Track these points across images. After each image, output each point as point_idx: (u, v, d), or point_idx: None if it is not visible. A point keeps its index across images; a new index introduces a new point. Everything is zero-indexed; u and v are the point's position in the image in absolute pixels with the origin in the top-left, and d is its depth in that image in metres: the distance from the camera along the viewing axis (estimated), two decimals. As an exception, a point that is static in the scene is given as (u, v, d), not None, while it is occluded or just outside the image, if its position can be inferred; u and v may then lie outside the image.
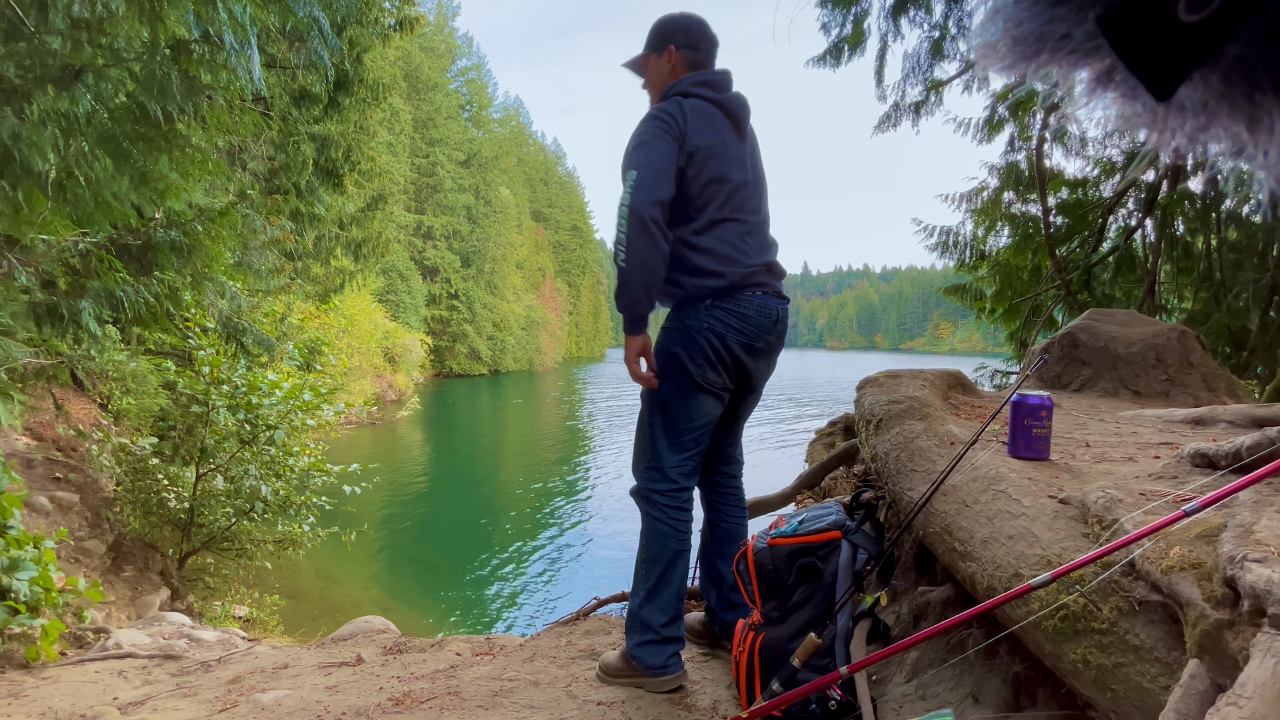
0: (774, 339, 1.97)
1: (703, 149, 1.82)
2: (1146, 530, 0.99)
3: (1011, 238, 6.31)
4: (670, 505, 1.93)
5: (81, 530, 4.22)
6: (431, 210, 36.26)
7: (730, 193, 1.87)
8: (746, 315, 1.88)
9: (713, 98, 1.88)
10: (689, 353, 1.85)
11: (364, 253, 10.55)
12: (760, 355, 1.95)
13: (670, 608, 1.91)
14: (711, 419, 1.95)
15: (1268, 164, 0.25)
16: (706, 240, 1.86)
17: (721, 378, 1.89)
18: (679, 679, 1.91)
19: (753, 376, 1.97)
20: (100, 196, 2.58)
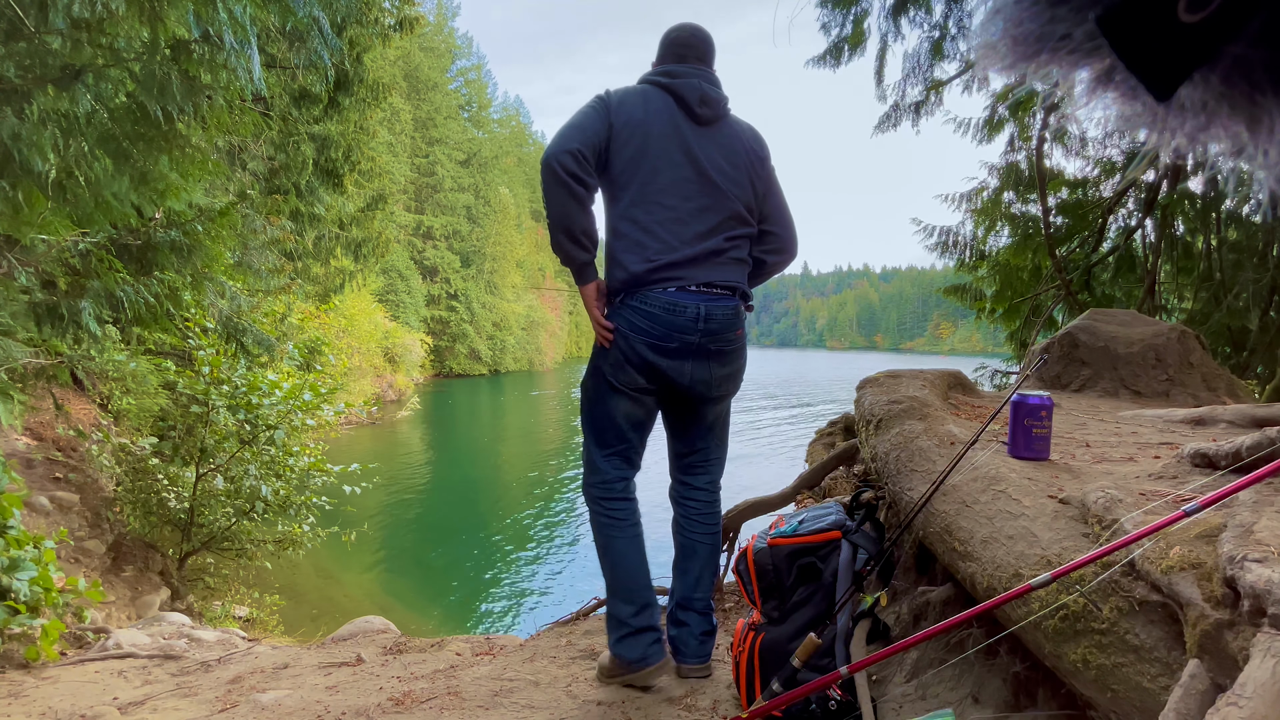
0: (696, 339, 1.80)
1: (628, 124, 1.76)
2: (1146, 530, 0.99)
3: (1011, 238, 6.31)
4: (603, 497, 1.92)
5: (81, 530, 4.22)
6: (431, 210, 36.27)
7: (653, 173, 1.77)
8: (652, 314, 1.76)
9: (663, 83, 1.82)
10: (603, 350, 1.83)
11: (364, 253, 10.55)
12: (677, 356, 1.80)
13: (633, 596, 1.88)
14: (633, 419, 1.88)
15: (1268, 164, 0.25)
16: (624, 225, 1.79)
17: (633, 379, 1.81)
18: (662, 668, 1.88)
19: (674, 380, 1.83)
20: (100, 196, 2.58)
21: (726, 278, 1.84)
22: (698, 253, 1.80)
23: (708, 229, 1.80)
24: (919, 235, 6.63)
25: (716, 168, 1.82)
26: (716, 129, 1.84)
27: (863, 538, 1.70)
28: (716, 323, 1.81)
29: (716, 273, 1.82)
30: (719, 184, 1.82)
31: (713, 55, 1.92)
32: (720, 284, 1.83)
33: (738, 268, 1.88)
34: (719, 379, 1.89)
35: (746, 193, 1.87)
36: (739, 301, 1.88)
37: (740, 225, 1.86)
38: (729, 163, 1.84)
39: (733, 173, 1.84)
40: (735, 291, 1.87)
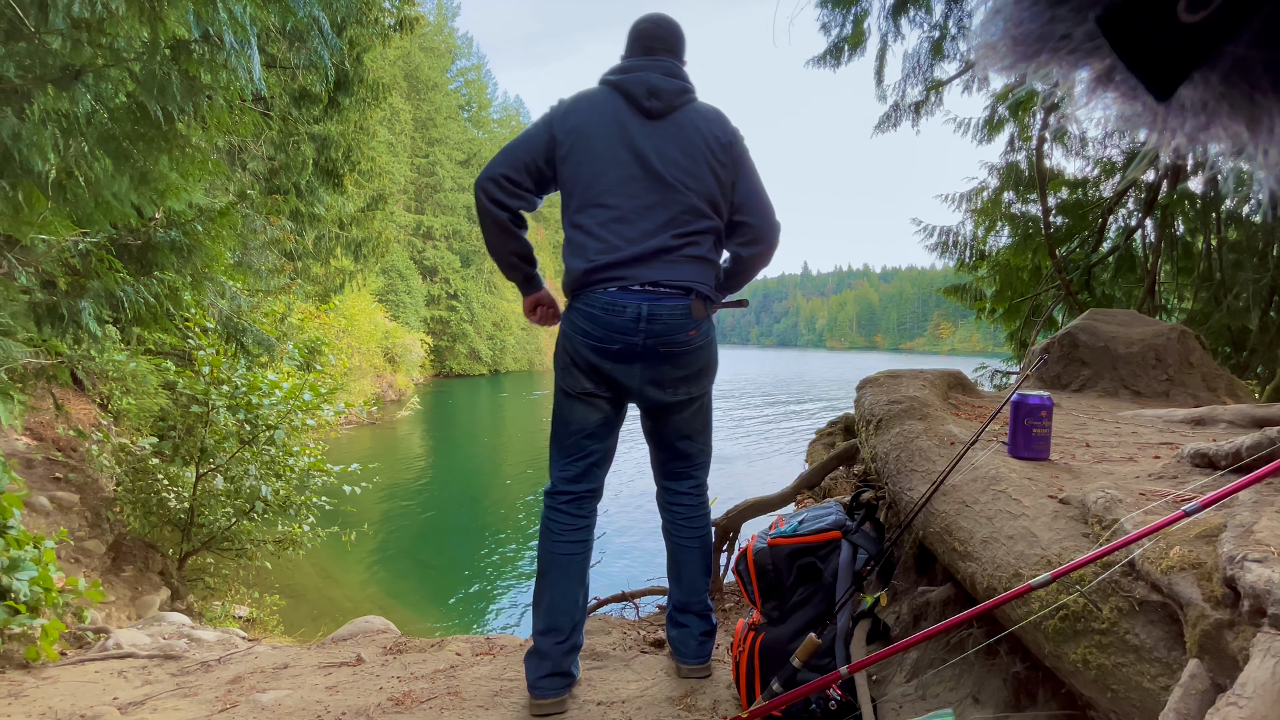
0: (640, 340, 1.72)
1: (571, 132, 1.74)
2: (1146, 530, 0.99)
3: (1011, 238, 6.32)
4: (550, 507, 1.87)
5: (81, 530, 4.21)
6: (431, 210, 36.27)
7: (595, 175, 1.73)
8: (593, 315, 1.72)
9: (613, 80, 1.78)
10: (557, 355, 1.84)
11: (364, 253, 10.55)
12: (622, 359, 1.74)
13: (543, 617, 1.82)
14: (585, 426, 1.83)
15: (1268, 164, 0.25)
16: (570, 230, 1.78)
17: (579, 382, 1.79)
18: (543, 708, 1.77)
19: (623, 384, 1.77)
20: (100, 196, 2.58)
21: (676, 276, 1.74)
22: (642, 251, 1.72)
23: (656, 226, 1.73)
24: (919, 235, 6.64)
25: (668, 161, 1.74)
26: (670, 120, 1.76)
27: (863, 538, 1.70)
28: (661, 323, 1.73)
29: (665, 271, 1.73)
30: (668, 178, 1.73)
31: (678, 43, 1.85)
32: (668, 283, 1.74)
33: (694, 265, 1.76)
34: (673, 382, 1.80)
35: (706, 184, 1.76)
36: (691, 300, 1.76)
37: (697, 219, 1.76)
38: (684, 154, 1.75)
39: (688, 164, 1.75)
40: (689, 291, 1.75)
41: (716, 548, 2.78)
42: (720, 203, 1.79)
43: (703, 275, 1.79)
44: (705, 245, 1.79)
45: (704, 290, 1.78)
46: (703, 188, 1.76)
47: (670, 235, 1.74)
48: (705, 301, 1.78)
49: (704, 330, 1.81)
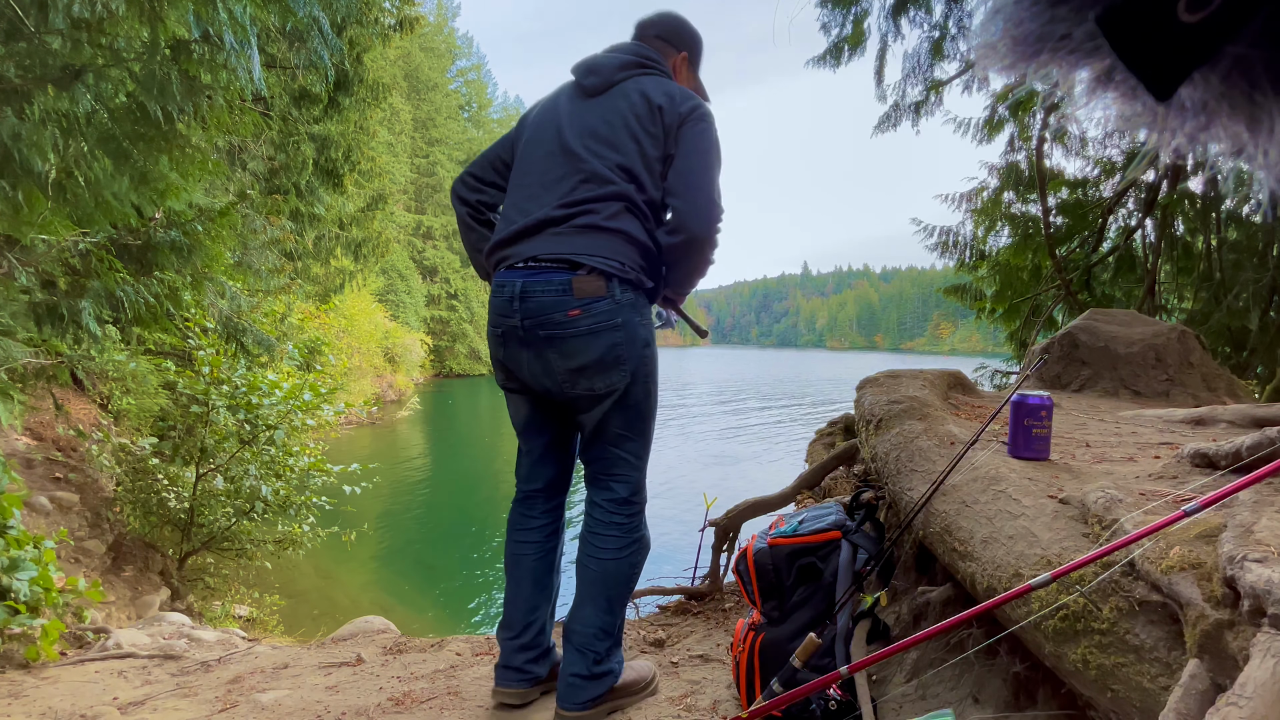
0: (517, 322, 1.57)
1: (525, 123, 1.74)
2: (1146, 530, 0.99)
3: (1011, 238, 6.32)
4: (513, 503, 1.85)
5: (81, 530, 4.22)
6: (431, 210, 36.27)
7: (523, 159, 1.67)
8: (491, 299, 1.64)
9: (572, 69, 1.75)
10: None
11: (364, 253, 10.55)
12: (508, 344, 1.62)
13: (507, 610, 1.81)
14: (519, 422, 1.78)
15: (1268, 164, 0.25)
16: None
17: (499, 376, 1.73)
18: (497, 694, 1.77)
19: (518, 374, 1.66)
20: (100, 196, 2.58)
21: (557, 248, 1.56)
22: (529, 224, 1.59)
23: (551, 198, 1.60)
24: (919, 235, 6.64)
25: (585, 133, 1.62)
26: (606, 95, 1.66)
27: (863, 538, 1.70)
28: (534, 301, 1.55)
29: (547, 244, 1.57)
30: (577, 149, 1.61)
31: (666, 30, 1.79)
32: (547, 256, 1.56)
33: (585, 236, 1.56)
34: (565, 374, 1.59)
35: (622, 151, 1.60)
36: (572, 275, 1.54)
37: (600, 185, 1.58)
38: (605, 123, 1.62)
39: (605, 132, 1.61)
40: (573, 265, 1.55)
41: (716, 547, 2.78)
42: (640, 171, 1.60)
43: (596, 247, 1.56)
44: (604, 213, 1.58)
45: (598, 264, 1.55)
46: (614, 155, 1.60)
47: (557, 206, 1.59)
48: (604, 278, 1.55)
49: (595, 311, 1.55)
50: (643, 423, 1.69)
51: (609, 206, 1.58)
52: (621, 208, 1.59)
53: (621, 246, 1.58)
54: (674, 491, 10.08)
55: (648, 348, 1.63)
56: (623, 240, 1.58)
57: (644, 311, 1.63)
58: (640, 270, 1.61)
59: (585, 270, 1.55)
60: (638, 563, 1.75)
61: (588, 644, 1.68)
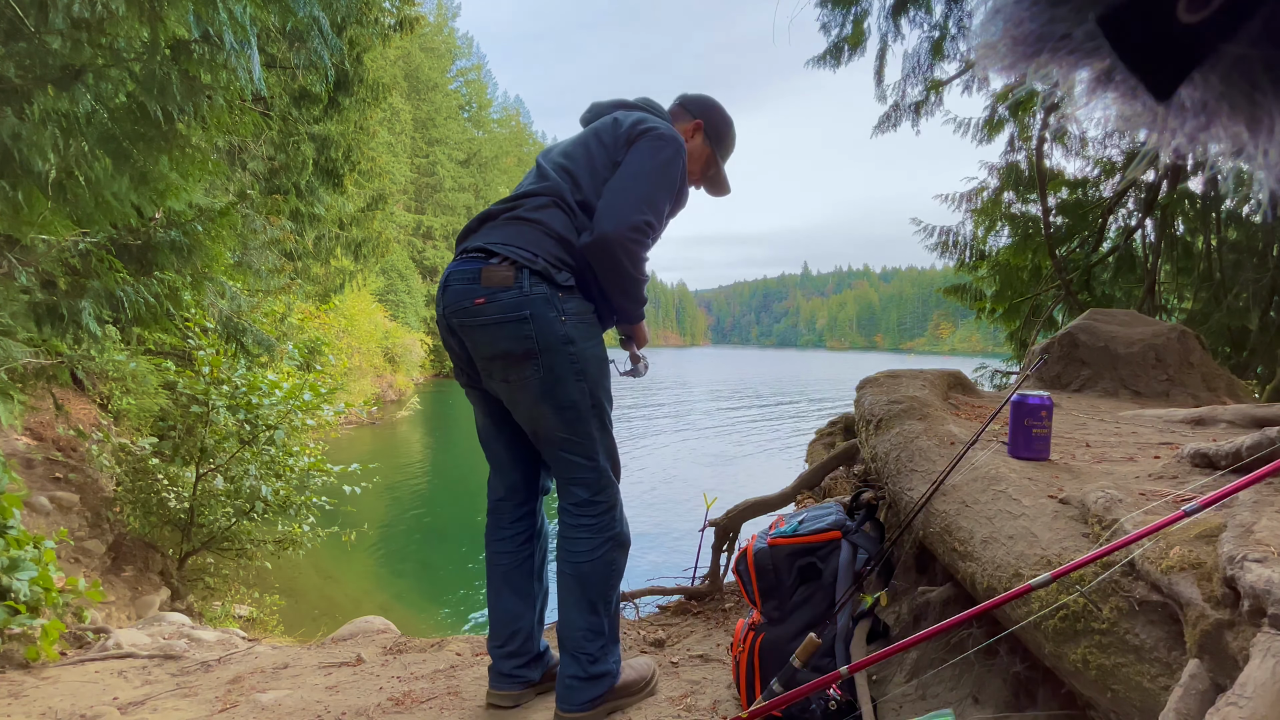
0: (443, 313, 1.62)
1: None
2: (1146, 530, 0.99)
3: (1011, 238, 6.32)
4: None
5: (81, 530, 4.22)
6: (431, 210, 36.27)
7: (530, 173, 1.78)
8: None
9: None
10: None
11: (364, 253, 10.55)
12: (443, 332, 1.66)
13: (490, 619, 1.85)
14: (480, 427, 1.81)
15: (1268, 164, 0.25)
16: None
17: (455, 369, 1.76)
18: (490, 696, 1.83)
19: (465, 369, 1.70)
20: (100, 196, 2.58)
21: (484, 239, 1.60)
22: (470, 223, 1.67)
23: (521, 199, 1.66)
24: (919, 235, 6.63)
25: (556, 151, 1.73)
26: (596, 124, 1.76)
27: (863, 538, 1.70)
28: (451, 290, 1.59)
29: (480, 236, 1.62)
30: (542, 163, 1.71)
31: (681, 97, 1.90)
32: (474, 247, 1.61)
33: (512, 227, 1.60)
34: (485, 364, 1.61)
35: (570, 158, 1.68)
36: (483, 264, 1.56)
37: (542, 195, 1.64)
38: (577, 142, 1.72)
39: (571, 150, 1.71)
40: (489, 254, 1.57)
41: (716, 547, 2.78)
42: (580, 171, 1.65)
43: (510, 237, 1.58)
44: (529, 206, 1.62)
45: (510, 253, 1.55)
46: (564, 160, 1.68)
47: (500, 202, 1.67)
48: (513, 268, 1.54)
49: (501, 301, 1.53)
50: (583, 424, 1.63)
51: (536, 200, 1.62)
52: (548, 201, 1.61)
53: (536, 236, 1.57)
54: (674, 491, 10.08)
55: (570, 344, 1.57)
56: (539, 231, 1.58)
57: (563, 306, 1.57)
58: (558, 263, 1.57)
59: (497, 260, 1.56)
60: (615, 560, 1.71)
61: (578, 646, 1.68)
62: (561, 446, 1.65)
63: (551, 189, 1.62)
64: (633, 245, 1.57)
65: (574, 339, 1.58)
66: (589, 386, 1.62)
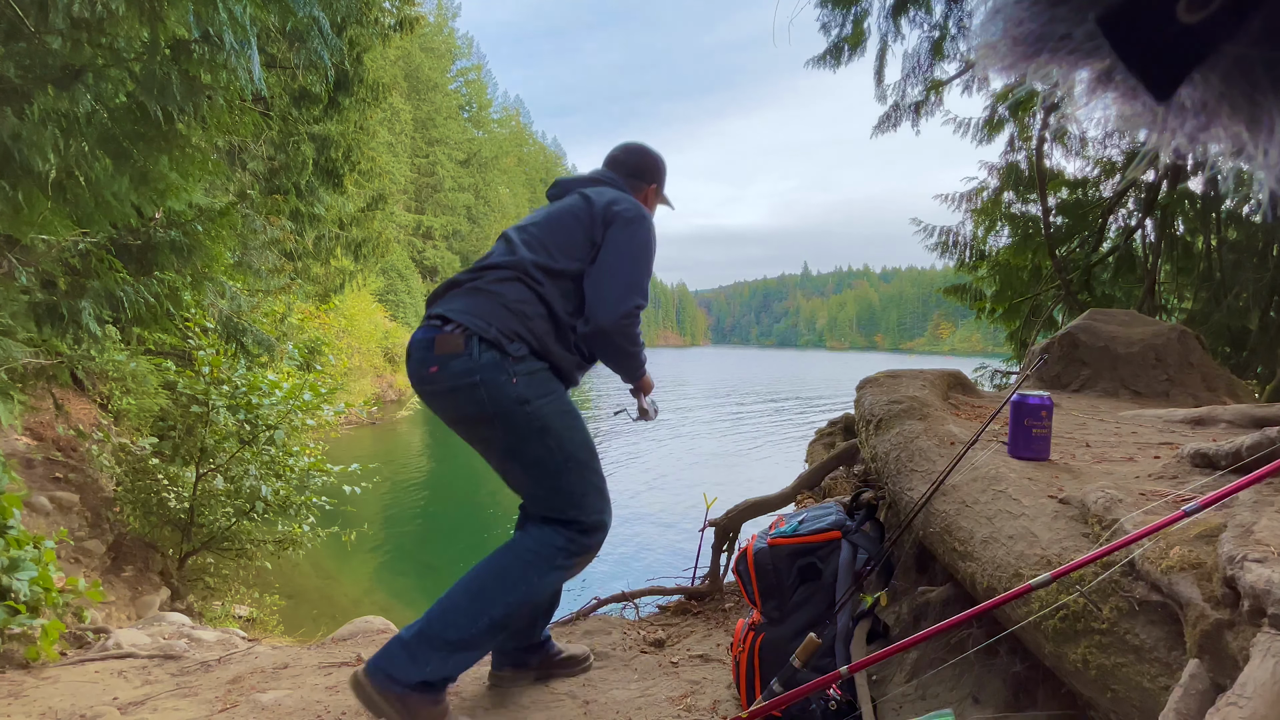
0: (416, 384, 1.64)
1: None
2: (1146, 530, 0.99)
3: (1011, 238, 6.31)
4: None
5: (81, 530, 4.22)
6: (431, 210, 36.28)
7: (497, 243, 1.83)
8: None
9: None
10: None
11: (364, 253, 10.55)
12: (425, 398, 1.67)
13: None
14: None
15: (1268, 164, 0.25)
16: None
17: None
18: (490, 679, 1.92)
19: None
20: (100, 196, 2.58)
21: (444, 307, 1.64)
22: (438, 289, 1.72)
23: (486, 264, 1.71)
24: (919, 235, 6.63)
25: (525, 224, 1.80)
26: (557, 201, 1.85)
27: (863, 538, 1.70)
28: (413, 360, 1.64)
29: (441, 304, 1.67)
30: (511, 235, 1.76)
31: (632, 161, 1.94)
32: (435, 314, 1.65)
33: (471, 298, 1.63)
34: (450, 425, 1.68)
35: (547, 237, 1.72)
36: (437, 332, 1.59)
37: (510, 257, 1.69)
38: (545, 214, 1.79)
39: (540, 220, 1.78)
40: (445, 321, 1.60)
41: (716, 547, 2.78)
42: (554, 246, 1.70)
43: (467, 306, 1.61)
44: (489, 278, 1.65)
45: (463, 320, 1.58)
46: (539, 243, 1.71)
47: (466, 271, 1.73)
48: (464, 336, 1.57)
49: (452, 369, 1.57)
50: (553, 479, 1.63)
51: (499, 273, 1.66)
52: (510, 275, 1.65)
53: (492, 307, 1.61)
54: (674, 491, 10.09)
55: (525, 404, 1.57)
56: (496, 302, 1.62)
57: (514, 369, 1.57)
58: (512, 335, 1.59)
59: (451, 327, 1.59)
60: (534, 582, 1.62)
61: (434, 623, 1.58)
62: (534, 500, 1.70)
63: (516, 263, 1.67)
64: (629, 329, 1.68)
65: (528, 398, 1.58)
66: (555, 442, 1.61)
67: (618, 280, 1.66)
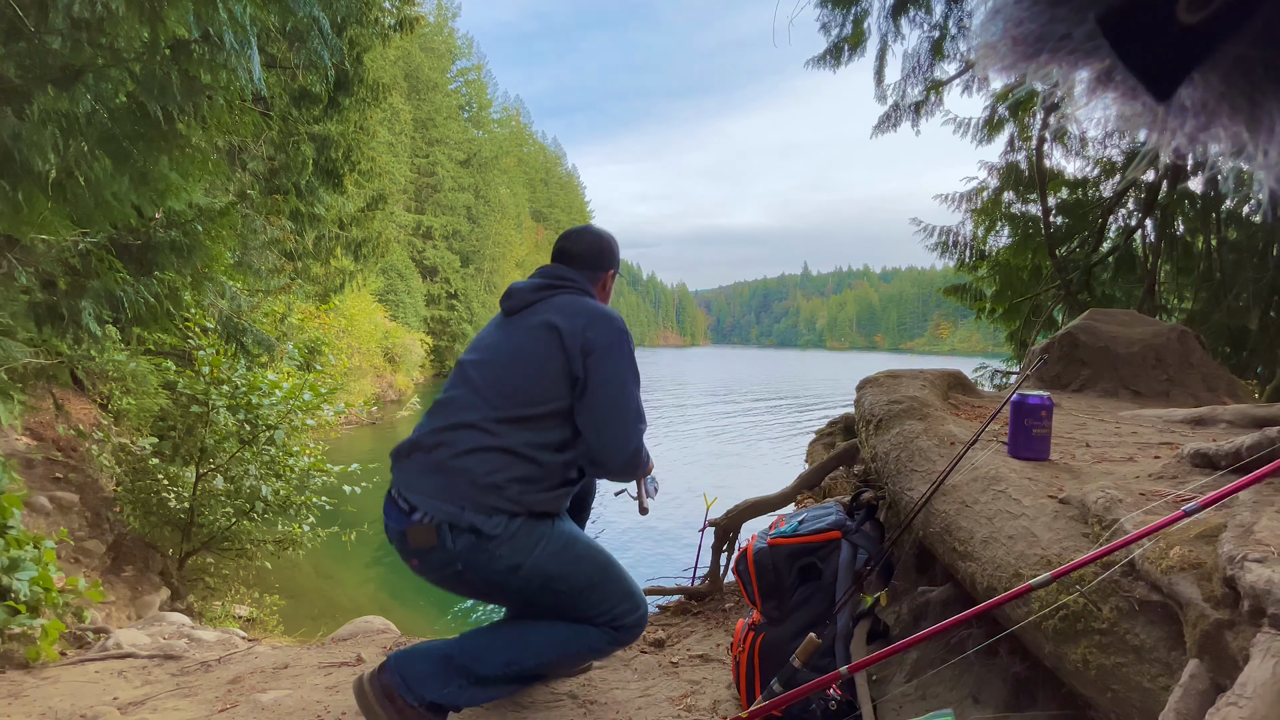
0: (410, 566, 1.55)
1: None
2: (1146, 530, 0.99)
3: (1011, 238, 6.32)
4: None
5: (81, 530, 4.22)
6: (431, 210, 36.26)
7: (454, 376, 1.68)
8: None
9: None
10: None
11: (364, 253, 10.55)
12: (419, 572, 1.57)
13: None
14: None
15: (1268, 164, 0.25)
16: None
17: None
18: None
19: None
20: (100, 196, 2.58)
21: (408, 488, 1.51)
22: (403, 446, 1.57)
23: (441, 414, 1.58)
24: (919, 235, 6.63)
25: (486, 356, 1.63)
26: (520, 316, 1.65)
27: (863, 538, 1.70)
28: (390, 532, 1.55)
29: (417, 480, 1.52)
30: (471, 374, 1.61)
31: (585, 251, 1.76)
32: (401, 494, 1.53)
33: (437, 478, 1.49)
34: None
35: (513, 375, 1.57)
36: (407, 523, 1.49)
37: (474, 412, 1.53)
38: (508, 346, 1.61)
39: (504, 356, 1.60)
40: (410, 507, 1.49)
41: (716, 547, 2.78)
42: (519, 392, 1.55)
43: (444, 491, 1.49)
44: (460, 447, 1.51)
45: (440, 513, 1.47)
46: (506, 380, 1.56)
47: (433, 430, 1.56)
48: (434, 529, 1.47)
49: (431, 562, 1.50)
50: (575, 610, 1.58)
51: (462, 438, 1.51)
52: (475, 442, 1.51)
53: (460, 487, 1.48)
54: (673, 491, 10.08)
55: (518, 569, 1.50)
56: (463, 480, 1.48)
57: (494, 549, 1.48)
58: (488, 511, 1.48)
59: (420, 515, 1.49)
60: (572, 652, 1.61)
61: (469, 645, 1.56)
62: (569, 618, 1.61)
63: (478, 422, 1.52)
64: (639, 458, 1.62)
65: (519, 563, 1.50)
66: (564, 585, 1.56)
67: (620, 418, 1.56)
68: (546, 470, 1.53)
